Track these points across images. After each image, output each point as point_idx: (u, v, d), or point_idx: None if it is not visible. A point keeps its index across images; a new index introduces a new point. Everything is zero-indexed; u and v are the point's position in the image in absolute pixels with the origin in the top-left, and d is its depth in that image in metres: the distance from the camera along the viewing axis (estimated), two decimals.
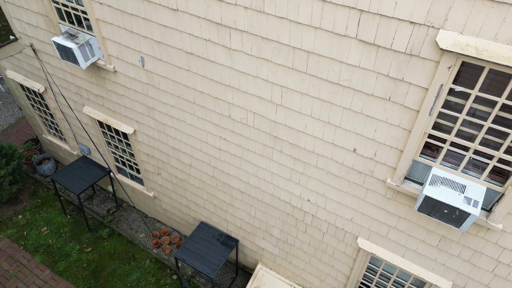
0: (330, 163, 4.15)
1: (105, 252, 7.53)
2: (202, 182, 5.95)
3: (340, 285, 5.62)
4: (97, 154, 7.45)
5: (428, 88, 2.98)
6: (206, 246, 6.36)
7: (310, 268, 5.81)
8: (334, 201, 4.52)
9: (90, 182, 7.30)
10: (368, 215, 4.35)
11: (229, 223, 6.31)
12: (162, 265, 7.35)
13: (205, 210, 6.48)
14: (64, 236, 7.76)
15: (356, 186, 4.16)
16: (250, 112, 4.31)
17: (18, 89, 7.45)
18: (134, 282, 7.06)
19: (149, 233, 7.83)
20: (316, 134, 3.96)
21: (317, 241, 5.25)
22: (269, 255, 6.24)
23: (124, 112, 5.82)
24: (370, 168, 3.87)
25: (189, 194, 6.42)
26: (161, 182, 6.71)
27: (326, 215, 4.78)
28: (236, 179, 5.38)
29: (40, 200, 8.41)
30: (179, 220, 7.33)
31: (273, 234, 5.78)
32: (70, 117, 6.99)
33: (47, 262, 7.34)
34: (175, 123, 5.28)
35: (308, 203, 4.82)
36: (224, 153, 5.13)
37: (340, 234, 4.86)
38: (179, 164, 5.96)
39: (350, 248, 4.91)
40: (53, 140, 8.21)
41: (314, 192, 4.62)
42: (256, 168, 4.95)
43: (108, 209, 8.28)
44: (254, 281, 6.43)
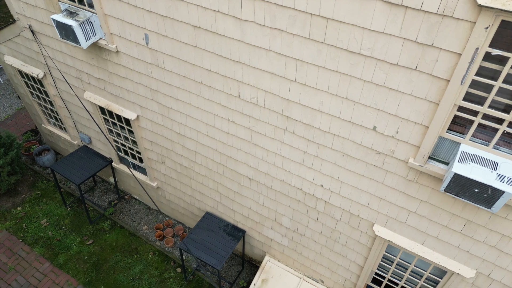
0: (347, 144, 3.90)
1: (106, 244, 7.29)
2: (208, 169, 5.70)
3: (353, 276, 5.37)
4: (98, 144, 7.20)
5: (461, 53, 2.73)
6: (212, 237, 6.12)
7: (320, 259, 5.56)
8: (349, 185, 4.27)
9: (91, 172, 7.06)
10: (386, 199, 4.10)
11: (236, 213, 6.07)
12: (166, 258, 7.11)
13: (210, 199, 6.23)
14: (64, 228, 7.52)
15: (374, 168, 3.91)
16: (261, 91, 4.06)
17: (16, 76, 7.20)
18: (137, 275, 6.82)
19: (152, 225, 7.58)
20: (332, 112, 3.71)
21: (330, 229, 5.00)
22: (278, 246, 5.99)
23: (127, 96, 5.57)
24: (390, 148, 3.62)
25: (194, 183, 6.17)
26: (164, 171, 6.46)
27: (340, 201, 4.53)
28: (244, 165, 5.13)
29: (39, 191, 8.17)
30: (183, 211, 7.08)
31: (282, 224, 5.53)
32: (71, 104, 6.74)
33: (46, 255, 7.10)
34: (180, 106, 5.03)
35: (321, 189, 4.57)
36: (232, 138, 4.88)
37: (354, 221, 4.61)
38: (184, 151, 5.71)
39: (365, 236, 4.66)
40: (53, 130, 7.97)
41: (328, 177, 4.37)
42: (266, 152, 4.70)
43: (109, 201, 8.04)
44: (261, 273, 6.19)
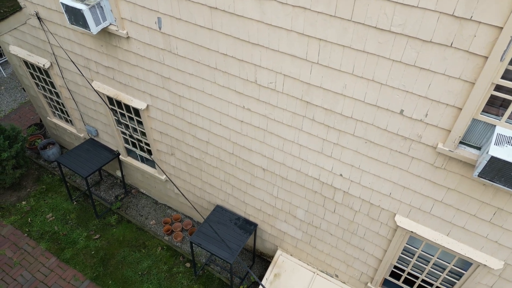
0: (370, 130, 3.73)
1: (114, 239, 7.13)
2: (219, 161, 5.54)
3: (370, 270, 5.21)
4: (105, 136, 7.04)
5: (502, 26, 2.56)
6: (222, 230, 5.96)
7: (336, 253, 5.40)
8: (371, 174, 4.11)
9: (98, 165, 6.90)
10: (410, 188, 3.93)
11: (248, 206, 5.91)
12: (175, 252, 6.96)
13: (221, 192, 6.07)
14: (71, 222, 7.37)
15: (398, 155, 3.75)
16: (279, 75, 3.90)
17: (21, 67, 7.04)
18: (145, 270, 6.67)
19: (160, 220, 7.43)
20: (356, 95, 3.55)
21: (347, 221, 4.84)
22: (291, 240, 5.83)
23: (137, 85, 5.41)
24: (418, 133, 3.45)
25: (205, 175, 6.01)
26: (174, 163, 6.30)
27: (360, 191, 4.37)
28: (258, 156, 4.97)
29: (44, 186, 8.02)
30: (192, 204, 6.91)
31: (297, 216, 5.37)
32: (77, 95, 6.59)
33: (52, 250, 6.95)
34: (193, 94, 4.87)
35: (340, 178, 4.41)
36: (246, 126, 4.72)
37: (375, 212, 4.45)
38: (195, 141, 5.55)
39: (385, 227, 4.50)
40: (58, 122, 7.81)
41: (348, 165, 4.21)
42: (282, 141, 4.54)
43: (116, 195, 7.89)
44: (274, 267, 6.03)
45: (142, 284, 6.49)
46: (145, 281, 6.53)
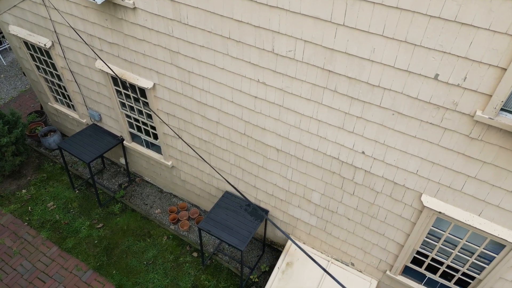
0: (399, 99, 3.44)
1: (117, 228, 6.86)
2: (230, 142, 5.26)
3: (390, 257, 4.93)
4: (108, 121, 6.76)
5: None
6: (232, 216, 5.68)
7: (353, 239, 5.12)
8: (396, 150, 3.82)
9: (101, 150, 6.62)
10: (440, 164, 3.65)
11: (259, 191, 5.62)
12: (181, 242, 6.68)
13: (231, 177, 5.79)
14: (73, 211, 7.09)
15: (429, 127, 3.46)
16: (299, 41, 3.61)
17: (22, 49, 6.76)
18: (150, 260, 6.39)
19: (166, 209, 7.15)
20: (385, 60, 3.26)
21: (367, 204, 4.56)
22: (304, 226, 5.55)
23: (143, 62, 5.12)
24: (453, 100, 3.17)
25: (214, 159, 5.73)
26: (181, 147, 6.01)
27: (383, 170, 4.08)
28: (272, 135, 4.69)
29: (45, 174, 7.74)
30: (200, 192, 6.64)
31: (312, 200, 5.09)
32: (80, 77, 6.30)
33: (54, 239, 6.67)
34: (203, 70, 4.59)
35: (362, 156, 4.12)
36: (260, 102, 4.43)
37: (398, 192, 4.16)
38: (204, 122, 5.26)
39: (409, 209, 4.22)
40: (60, 108, 7.53)
41: (372, 141, 3.92)
42: (299, 117, 4.25)
43: (119, 183, 7.61)
44: (286, 256, 5.75)
45: (147, 273, 6.22)
46: (150, 271, 6.25)
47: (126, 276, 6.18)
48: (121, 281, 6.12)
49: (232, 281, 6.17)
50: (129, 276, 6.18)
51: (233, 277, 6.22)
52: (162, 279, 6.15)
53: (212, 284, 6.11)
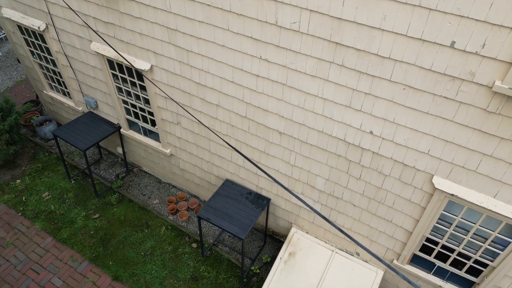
0: (411, 72, 3.23)
1: (114, 218, 6.65)
2: (230, 127, 5.05)
3: (397, 245, 4.72)
4: (105, 108, 6.55)
5: None
6: (233, 205, 5.47)
7: (359, 227, 4.91)
8: (407, 128, 3.61)
9: (97, 138, 6.41)
10: (453, 142, 3.44)
11: (260, 178, 5.41)
12: (180, 232, 6.47)
13: (231, 164, 5.58)
14: (68, 202, 6.88)
15: (443, 101, 3.25)
16: (305, 11, 3.40)
17: (15, 34, 6.54)
18: (148, 251, 6.19)
19: (164, 199, 6.94)
20: (397, 28, 3.05)
21: (374, 189, 4.35)
22: (308, 215, 5.34)
23: (140, 42, 4.91)
24: (470, 70, 2.96)
25: (214, 145, 5.52)
26: (180, 133, 5.80)
27: (392, 151, 3.87)
28: (274, 117, 4.48)
29: (40, 164, 7.53)
30: (199, 181, 6.43)
31: (316, 186, 4.88)
32: (75, 61, 6.09)
33: (48, 229, 6.46)
34: (203, 47, 4.38)
35: (370, 137, 3.91)
36: (262, 82, 4.22)
37: (408, 175, 3.95)
38: (204, 105, 5.05)
39: (419, 193, 4.01)
40: (55, 96, 7.32)
41: (381, 120, 3.72)
42: (304, 96, 4.04)
43: (117, 174, 7.40)
44: (288, 246, 5.54)
45: (145, 265, 6.01)
46: (148, 262, 6.05)
47: (123, 267, 5.98)
48: (117, 272, 5.92)
49: (233, 272, 5.97)
50: (126, 267, 5.98)
51: (233, 268, 6.01)
52: (160, 270, 5.94)
53: (212, 275, 5.91)
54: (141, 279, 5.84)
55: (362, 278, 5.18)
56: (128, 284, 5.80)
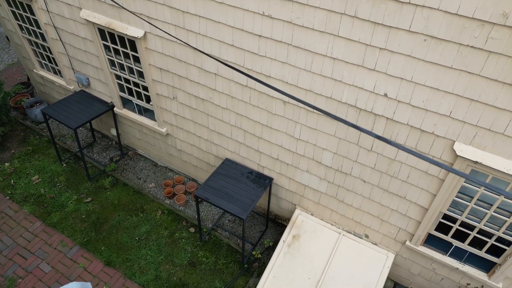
0: (434, 18, 2.87)
1: (107, 202, 6.29)
2: (230, 98, 4.68)
3: (410, 224, 4.36)
4: (97, 85, 6.18)
5: None
6: (233, 184, 5.11)
7: (368, 206, 4.55)
8: (426, 88, 3.25)
9: (89, 116, 6.05)
10: (479, 101, 3.08)
11: (263, 156, 5.05)
12: (177, 217, 6.11)
13: (231, 142, 5.21)
14: (59, 185, 6.52)
15: (469, 52, 2.89)
16: None
17: (3, 6, 6.18)
18: (143, 235, 5.82)
19: (160, 183, 6.58)
20: None
21: (387, 161, 3.98)
22: (313, 195, 4.98)
23: (132, 6, 4.54)
24: (503, 10, 2.60)
25: (212, 121, 5.15)
26: (176, 109, 5.44)
27: (409, 116, 3.51)
28: (278, 84, 4.12)
29: (31, 147, 7.17)
30: (197, 163, 6.07)
31: (322, 162, 4.52)
32: (65, 33, 5.72)
33: (38, 213, 6.10)
34: (200, 7, 4.01)
35: (384, 100, 3.55)
36: (265, 43, 3.86)
37: (426, 143, 3.59)
38: (201, 75, 4.69)
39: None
40: (46, 75, 6.95)
41: (397, 79, 3.35)
42: (311, 57, 3.68)
43: (111, 157, 7.04)
44: (292, 228, 5.19)
45: (139, 250, 5.65)
46: (142, 247, 5.69)
47: (116, 253, 5.62)
48: (110, 258, 5.56)
49: (233, 257, 5.61)
50: (119, 252, 5.62)
51: (233, 254, 5.66)
52: (155, 256, 5.58)
53: (211, 260, 5.55)
54: (135, 265, 5.48)
55: (371, 262, 4.83)
56: (121, 269, 5.44)
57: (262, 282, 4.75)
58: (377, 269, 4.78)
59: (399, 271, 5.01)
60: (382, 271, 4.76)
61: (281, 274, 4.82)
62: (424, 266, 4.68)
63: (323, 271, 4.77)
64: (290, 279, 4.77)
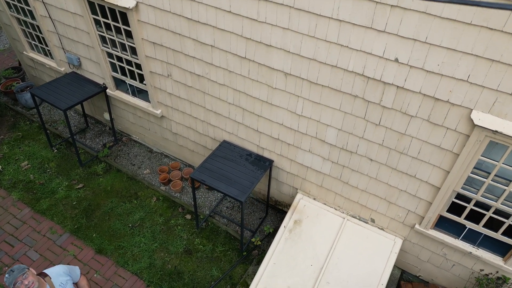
0: None
1: (100, 189, 6.00)
2: (228, 73, 4.40)
3: (420, 206, 4.07)
4: (89, 65, 5.89)
5: None
6: (231, 166, 4.83)
7: (375, 187, 4.27)
8: (442, 49, 2.96)
9: (80, 98, 5.75)
10: (501, 61, 2.80)
11: (262, 136, 4.76)
12: (172, 203, 5.83)
13: (229, 121, 4.93)
14: (49, 171, 6.23)
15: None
16: None
17: None
18: (137, 222, 5.54)
19: (155, 169, 6.29)
20: None
21: (396, 136, 3.70)
22: (315, 177, 4.69)
23: None
24: None
25: (209, 99, 4.87)
26: (171, 88, 5.15)
27: (422, 83, 3.22)
28: (279, 53, 3.83)
29: (20, 133, 6.88)
30: (194, 147, 5.78)
31: (326, 140, 4.23)
32: (54, 9, 5.42)
33: (26, 200, 5.81)
34: None
35: (395, 66, 3.26)
36: (265, 6, 3.57)
37: (439, 112, 3.30)
38: (197, 49, 4.40)
39: (452, 136, 3.36)
40: (36, 57, 6.66)
41: (409, 41, 3.07)
42: (315, 20, 3.39)
43: (104, 143, 6.75)
44: (293, 213, 4.90)
45: (132, 237, 5.37)
46: (136, 234, 5.40)
47: (108, 240, 5.33)
48: (101, 245, 5.27)
49: (231, 245, 5.33)
50: (111, 240, 5.33)
51: (232, 241, 5.37)
52: (149, 243, 5.30)
53: (208, 248, 5.27)
54: (128, 252, 5.20)
55: (378, 248, 4.55)
56: (113, 257, 5.16)
57: (262, 269, 4.47)
58: (384, 255, 4.49)
59: (407, 258, 4.73)
60: (390, 257, 4.48)
61: (281, 261, 4.53)
62: (434, 252, 4.40)
63: (326, 257, 4.49)
64: (291, 266, 4.48)
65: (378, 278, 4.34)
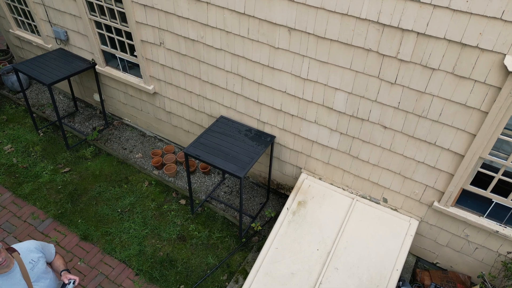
0: None
1: (88, 173, 5.55)
2: (225, 35, 3.98)
3: (440, 179, 3.63)
4: (77, 39, 5.49)
5: None
6: (229, 142, 4.39)
7: (389, 160, 3.82)
8: None
9: (67, 73, 5.34)
10: None
11: (263, 108, 4.34)
12: (166, 188, 5.38)
13: (227, 93, 4.50)
14: (34, 155, 5.79)
15: None
16: None
17: None
18: (126, 208, 5.09)
19: (148, 153, 5.85)
20: None
21: (415, 95, 3.27)
22: (322, 153, 4.25)
23: None
24: None
25: (205, 69, 4.45)
26: (164, 59, 4.74)
27: (447, 25, 2.80)
28: (283, 3, 3.43)
29: (5, 116, 6.46)
30: (189, 127, 5.35)
31: (334, 107, 3.80)
32: None
33: (7, 184, 5.37)
34: None
35: (415, 8, 2.85)
36: None
37: (466, 62, 2.88)
38: (192, 8, 4.00)
39: (481, 89, 2.93)
40: (22, 35, 6.26)
41: None
42: None
43: (94, 127, 6.32)
44: (297, 194, 4.46)
45: (121, 223, 4.91)
46: (125, 220, 4.94)
47: (94, 226, 4.87)
48: (87, 231, 4.81)
49: (229, 231, 4.87)
50: (98, 226, 4.87)
51: (229, 227, 4.91)
52: (139, 229, 4.84)
53: (204, 234, 4.80)
54: (116, 239, 4.74)
55: (391, 230, 4.09)
56: (100, 244, 4.69)
57: (263, 254, 4.01)
58: (398, 239, 4.03)
59: (423, 243, 4.27)
60: (404, 240, 4.02)
61: (284, 245, 4.08)
62: (454, 234, 3.94)
63: (334, 241, 4.04)
64: (295, 251, 4.02)
65: (392, 263, 3.88)
